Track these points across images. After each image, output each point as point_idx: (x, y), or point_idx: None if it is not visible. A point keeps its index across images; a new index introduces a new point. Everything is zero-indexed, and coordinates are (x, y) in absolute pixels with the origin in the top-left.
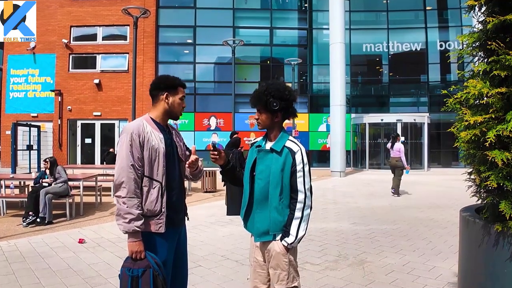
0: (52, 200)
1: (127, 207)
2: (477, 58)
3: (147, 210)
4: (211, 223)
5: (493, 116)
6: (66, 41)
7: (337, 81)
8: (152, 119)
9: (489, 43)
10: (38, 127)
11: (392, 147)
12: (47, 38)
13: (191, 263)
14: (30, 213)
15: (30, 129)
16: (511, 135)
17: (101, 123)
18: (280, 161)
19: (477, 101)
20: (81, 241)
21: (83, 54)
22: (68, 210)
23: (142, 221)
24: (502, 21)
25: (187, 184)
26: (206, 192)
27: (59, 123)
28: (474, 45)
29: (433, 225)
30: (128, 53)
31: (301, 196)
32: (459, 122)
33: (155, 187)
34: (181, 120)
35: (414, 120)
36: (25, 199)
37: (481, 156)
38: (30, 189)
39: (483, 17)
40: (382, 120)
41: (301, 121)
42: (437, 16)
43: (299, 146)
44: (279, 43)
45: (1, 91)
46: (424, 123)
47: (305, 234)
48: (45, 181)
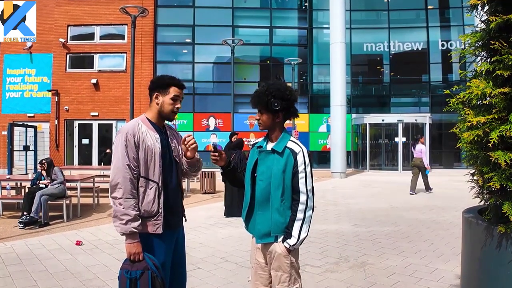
0: (48, 202)
1: (123, 208)
2: (479, 57)
3: (144, 211)
4: (210, 225)
5: (496, 117)
6: (63, 40)
7: (337, 81)
8: (148, 119)
9: (492, 42)
10: (35, 127)
11: (414, 148)
12: (43, 37)
13: (190, 265)
14: (25, 213)
15: (26, 129)
16: None
17: (98, 124)
18: (282, 162)
19: (480, 101)
20: (78, 243)
21: (80, 53)
22: (65, 211)
23: (139, 222)
24: (505, 20)
25: (185, 185)
26: (205, 193)
27: (56, 123)
28: (476, 44)
29: (435, 226)
30: (126, 52)
31: (303, 198)
32: (462, 123)
33: (151, 188)
34: (179, 121)
35: (416, 120)
36: (22, 201)
37: (484, 157)
38: (26, 191)
39: (486, 17)
40: (383, 120)
41: (301, 122)
42: (439, 15)
43: (300, 147)
44: (278, 42)
45: None
46: (425, 123)
47: (307, 235)
48: (42, 182)
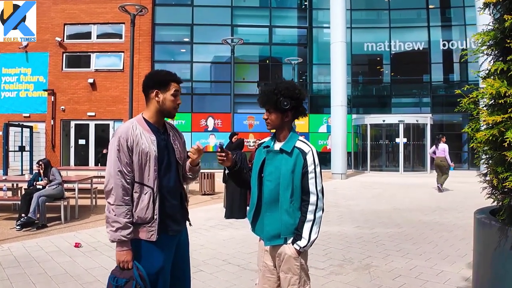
0: (46, 203)
1: (114, 215)
2: (491, 56)
3: (137, 217)
4: (210, 227)
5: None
6: (59, 39)
7: (338, 81)
8: (145, 119)
9: (508, 41)
10: (31, 127)
11: (437, 147)
12: (40, 36)
13: (192, 268)
14: (22, 215)
15: (22, 129)
16: None
17: (95, 124)
18: (291, 162)
19: (493, 100)
20: (77, 245)
21: (77, 52)
22: (63, 213)
23: (130, 230)
24: None
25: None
26: (205, 194)
27: (52, 123)
28: (489, 43)
29: (439, 228)
30: (123, 51)
31: (313, 198)
32: (474, 122)
33: (146, 193)
34: (177, 121)
35: (417, 121)
36: (18, 202)
37: (498, 156)
38: (23, 192)
39: (498, 15)
40: (384, 121)
41: (301, 122)
42: (440, 15)
43: (310, 147)
44: (278, 42)
45: None
46: (426, 124)
47: (317, 237)
48: (39, 183)
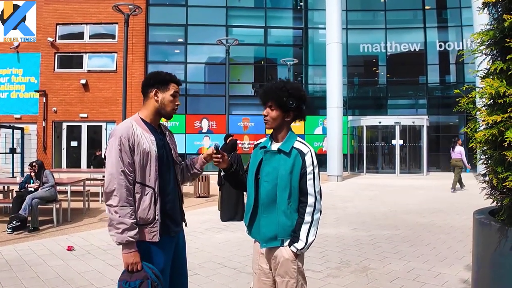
0: (38, 206)
1: (119, 216)
2: (490, 56)
3: (139, 218)
4: (206, 229)
5: (511, 116)
6: (51, 39)
7: (334, 82)
8: (142, 119)
9: (507, 40)
10: (22, 129)
11: (453, 150)
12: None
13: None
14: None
15: (13, 131)
16: None
17: (87, 125)
18: (289, 162)
19: (492, 100)
20: (70, 248)
21: (69, 53)
22: (55, 216)
23: (136, 230)
24: None
25: None
26: (199, 197)
27: (43, 125)
28: (488, 43)
29: (436, 230)
30: (116, 52)
31: (311, 200)
32: (473, 122)
33: (147, 194)
34: (171, 122)
35: (413, 122)
36: (10, 205)
37: (498, 156)
38: (14, 194)
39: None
40: (380, 122)
41: (296, 124)
42: (436, 16)
43: (308, 148)
44: (273, 42)
45: None
46: (423, 125)
47: (315, 239)
48: (30, 186)
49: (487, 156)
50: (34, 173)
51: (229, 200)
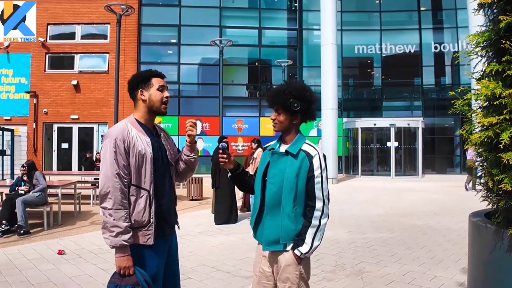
0: (26, 209)
1: (113, 219)
2: (485, 58)
3: (134, 221)
4: (199, 233)
5: (507, 117)
6: (42, 39)
7: (328, 84)
8: (137, 120)
9: (503, 42)
10: (12, 131)
11: (467, 150)
12: None
13: (181, 275)
14: (3, 222)
15: (3, 133)
16: None
17: (78, 127)
18: (296, 165)
19: (487, 102)
20: (60, 252)
21: (60, 53)
22: (46, 219)
23: (130, 234)
24: None
25: None
26: (192, 200)
27: (34, 126)
28: (483, 44)
29: (432, 233)
30: (108, 53)
31: (319, 204)
32: (468, 124)
33: (142, 196)
34: (164, 124)
35: (408, 124)
36: None
37: (494, 158)
38: (4, 197)
39: (493, 16)
40: (375, 124)
41: None
42: (432, 17)
43: (316, 150)
44: (267, 43)
45: None
46: (418, 127)
47: (320, 244)
48: (21, 188)
49: (482, 158)
50: (25, 174)
51: (223, 203)
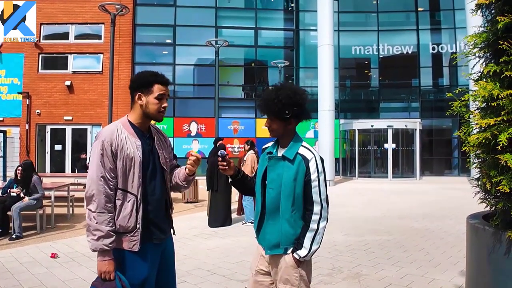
0: (20, 212)
1: (96, 223)
2: (483, 59)
3: (119, 226)
4: (194, 236)
5: (505, 119)
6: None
7: (325, 85)
8: (131, 122)
9: (500, 42)
10: (4, 132)
11: None
12: None
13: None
14: None
15: None
16: None
17: (72, 128)
18: (293, 169)
19: (485, 103)
20: (53, 255)
21: (53, 53)
22: (39, 222)
23: (112, 239)
24: None
25: None
26: (187, 202)
27: (26, 128)
28: (481, 45)
29: (430, 235)
30: (102, 53)
31: (317, 208)
32: (466, 126)
33: (129, 201)
34: (159, 126)
35: (406, 126)
36: None
37: (492, 160)
38: None
39: (490, 17)
40: (372, 126)
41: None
42: (429, 18)
43: (313, 153)
44: (264, 44)
45: None
46: (415, 129)
47: (319, 247)
48: (13, 190)
49: (480, 160)
50: (20, 175)
51: (218, 206)
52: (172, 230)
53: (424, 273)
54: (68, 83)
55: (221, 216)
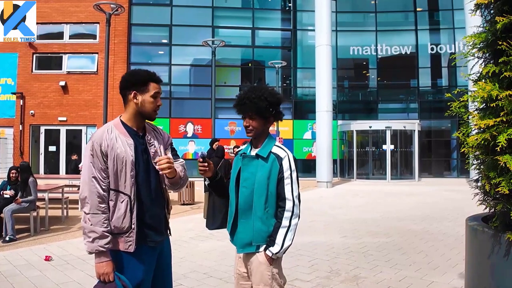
0: (13, 214)
1: (91, 224)
2: (482, 59)
3: (114, 227)
4: (190, 238)
5: (504, 119)
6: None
7: (323, 85)
8: (123, 122)
9: (499, 43)
10: None
11: None
12: None
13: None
14: None
15: None
16: None
17: (66, 129)
18: (266, 168)
19: (484, 104)
20: (47, 258)
21: (48, 53)
22: (32, 224)
23: (108, 239)
24: None
25: None
26: (184, 204)
27: (20, 129)
28: (480, 45)
29: (428, 237)
30: (97, 53)
31: (289, 205)
32: (465, 127)
33: (122, 201)
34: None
35: (404, 127)
36: None
37: (491, 161)
38: None
39: (489, 17)
40: (370, 127)
41: (285, 128)
42: (428, 18)
43: (286, 152)
44: (261, 44)
45: None
46: (414, 130)
47: (291, 244)
48: (6, 192)
49: (479, 161)
50: (14, 177)
51: (217, 207)
52: (168, 230)
53: (423, 275)
54: (62, 83)
55: (219, 218)
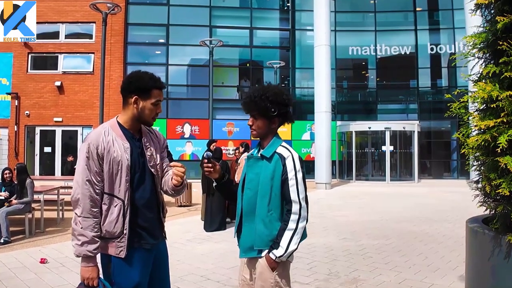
0: (7, 216)
1: (81, 227)
2: (482, 60)
3: (105, 231)
4: (187, 240)
5: (504, 120)
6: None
7: (322, 86)
8: (120, 124)
9: (500, 43)
10: None
11: None
12: None
13: None
14: None
15: None
16: None
17: (62, 130)
18: (270, 168)
19: (484, 105)
20: (43, 261)
21: (43, 53)
22: (28, 226)
23: (97, 245)
24: None
25: None
26: (181, 206)
27: (15, 129)
28: (480, 45)
29: (428, 239)
30: (93, 53)
31: (295, 207)
32: (465, 127)
33: (116, 205)
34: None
35: (404, 128)
36: None
37: (491, 162)
38: None
39: (490, 17)
40: (369, 128)
41: (284, 129)
42: (428, 18)
43: (290, 152)
44: (259, 44)
45: None
46: (414, 131)
47: (296, 248)
48: (0, 194)
49: (479, 162)
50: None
51: (214, 209)
52: (163, 234)
53: (422, 278)
54: (58, 83)
55: (217, 220)
